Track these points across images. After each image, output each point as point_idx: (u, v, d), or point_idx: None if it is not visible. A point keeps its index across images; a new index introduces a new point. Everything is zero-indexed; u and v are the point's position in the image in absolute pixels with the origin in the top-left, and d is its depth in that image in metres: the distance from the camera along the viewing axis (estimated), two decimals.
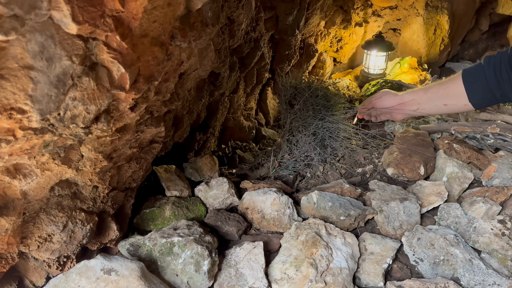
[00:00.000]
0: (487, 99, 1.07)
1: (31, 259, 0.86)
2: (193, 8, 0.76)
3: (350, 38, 2.80)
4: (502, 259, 0.99)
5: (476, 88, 1.07)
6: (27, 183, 0.72)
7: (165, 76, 0.80)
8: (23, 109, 0.55)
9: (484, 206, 1.10)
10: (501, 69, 0.99)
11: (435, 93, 1.20)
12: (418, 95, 1.26)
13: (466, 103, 1.11)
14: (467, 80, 1.09)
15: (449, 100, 1.16)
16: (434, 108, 1.23)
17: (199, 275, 0.88)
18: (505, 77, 0.99)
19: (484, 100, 1.08)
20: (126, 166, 0.96)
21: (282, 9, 1.56)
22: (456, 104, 1.15)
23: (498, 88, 1.02)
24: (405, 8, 2.80)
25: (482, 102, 1.10)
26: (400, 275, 0.97)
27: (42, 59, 0.53)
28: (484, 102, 1.10)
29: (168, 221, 1.08)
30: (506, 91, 1.01)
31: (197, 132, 1.45)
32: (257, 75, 1.71)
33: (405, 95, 1.31)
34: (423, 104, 1.25)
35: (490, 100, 1.08)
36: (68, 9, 0.51)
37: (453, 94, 1.14)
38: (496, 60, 1.01)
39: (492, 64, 1.02)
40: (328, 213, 1.11)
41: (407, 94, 1.30)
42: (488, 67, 1.03)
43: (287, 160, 1.46)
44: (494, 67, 1.01)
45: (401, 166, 1.32)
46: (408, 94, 1.30)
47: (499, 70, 1.00)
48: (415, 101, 1.27)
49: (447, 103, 1.17)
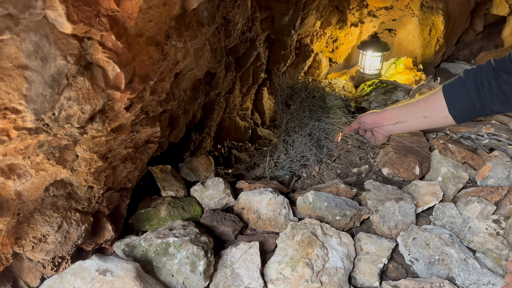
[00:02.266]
0: (466, 110, 1.08)
1: (26, 260, 0.85)
2: (189, 8, 0.76)
3: (345, 38, 2.80)
4: (497, 259, 1.00)
5: (455, 98, 1.09)
6: (21, 183, 0.71)
7: (160, 76, 0.80)
8: (18, 109, 0.54)
9: (479, 206, 1.11)
10: (482, 78, 1.01)
11: (415, 105, 1.21)
12: (399, 109, 1.26)
13: (446, 115, 1.12)
14: (447, 91, 1.10)
15: (429, 112, 1.17)
16: (414, 121, 1.23)
17: (195, 276, 0.87)
18: (486, 86, 1.00)
19: (463, 111, 1.09)
20: (121, 166, 0.95)
21: (278, 9, 1.56)
22: (435, 116, 1.16)
23: (478, 99, 1.03)
24: (400, 8, 2.81)
25: (462, 114, 1.10)
26: (396, 275, 0.98)
27: (36, 59, 0.53)
28: (463, 114, 1.10)
29: (164, 221, 1.08)
30: (487, 101, 1.02)
31: (192, 132, 1.45)
32: (253, 75, 1.71)
33: (386, 110, 1.31)
34: (402, 117, 1.24)
35: (469, 112, 1.08)
36: (63, 9, 0.51)
37: (432, 106, 1.15)
38: (477, 71, 1.03)
39: (472, 75, 1.04)
40: (323, 213, 1.11)
41: (388, 109, 1.31)
42: (468, 78, 1.05)
43: (283, 160, 1.46)
44: (474, 78, 1.03)
45: (397, 166, 1.33)
46: (389, 109, 1.30)
47: (480, 80, 1.01)
48: (395, 114, 1.26)
49: (427, 115, 1.18)
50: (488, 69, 1.01)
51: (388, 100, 2.06)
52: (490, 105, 1.02)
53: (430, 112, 1.16)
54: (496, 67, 0.99)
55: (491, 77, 0.99)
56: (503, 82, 0.97)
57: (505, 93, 0.98)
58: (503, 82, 0.97)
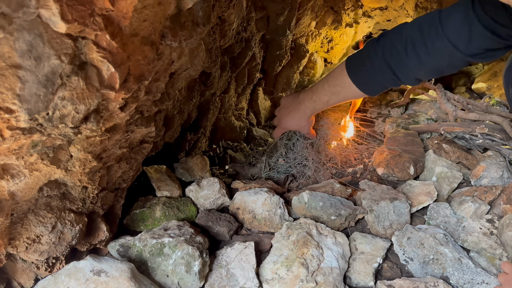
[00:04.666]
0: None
1: (19, 261, 0.85)
2: (184, 7, 0.76)
3: (340, 38, 2.81)
4: (491, 258, 1.00)
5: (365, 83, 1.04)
6: (15, 183, 0.71)
7: (155, 76, 0.80)
8: (11, 108, 0.54)
9: (473, 205, 1.12)
10: (407, 44, 0.92)
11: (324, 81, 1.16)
12: (314, 104, 1.22)
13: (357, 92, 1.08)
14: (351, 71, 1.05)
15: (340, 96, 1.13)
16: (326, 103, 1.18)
17: (190, 276, 0.87)
18: (412, 52, 0.92)
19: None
20: (116, 166, 0.95)
21: (273, 10, 1.56)
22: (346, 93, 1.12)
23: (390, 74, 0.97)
24: (395, 9, 2.82)
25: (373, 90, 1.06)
26: (390, 275, 0.98)
27: (30, 58, 0.52)
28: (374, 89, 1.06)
29: (159, 221, 1.07)
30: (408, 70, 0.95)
31: (188, 132, 1.45)
32: (248, 75, 1.71)
33: (302, 115, 1.27)
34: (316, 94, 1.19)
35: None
36: (57, 8, 0.50)
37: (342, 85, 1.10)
38: (394, 38, 0.95)
39: (382, 46, 0.97)
40: (319, 213, 1.11)
41: (302, 110, 1.26)
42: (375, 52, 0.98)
43: (281, 165, 1.47)
44: (390, 48, 0.95)
45: (391, 166, 1.33)
46: (303, 110, 1.25)
47: (404, 46, 0.93)
48: (312, 110, 1.22)
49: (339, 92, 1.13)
50: (414, 32, 0.92)
51: (382, 100, 2.06)
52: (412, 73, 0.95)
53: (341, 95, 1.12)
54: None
55: (420, 38, 0.91)
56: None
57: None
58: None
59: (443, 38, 0.86)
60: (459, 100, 1.60)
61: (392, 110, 1.93)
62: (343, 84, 1.08)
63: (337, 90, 1.11)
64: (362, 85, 1.05)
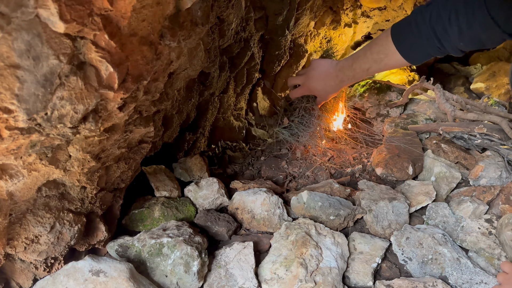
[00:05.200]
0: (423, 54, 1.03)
1: (18, 261, 0.85)
2: (183, 7, 0.76)
3: (339, 38, 2.81)
4: (489, 258, 1.01)
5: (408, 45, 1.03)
6: (13, 183, 0.71)
7: (154, 76, 0.80)
8: (9, 108, 0.54)
9: (472, 205, 1.12)
10: (451, 12, 0.91)
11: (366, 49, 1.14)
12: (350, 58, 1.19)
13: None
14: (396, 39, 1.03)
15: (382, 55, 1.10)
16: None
17: (189, 276, 0.87)
18: (462, 19, 0.90)
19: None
20: (114, 166, 0.95)
21: (272, 9, 1.56)
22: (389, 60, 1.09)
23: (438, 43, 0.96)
24: (394, 9, 2.82)
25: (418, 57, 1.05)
26: (389, 274, 0.98)
27: (28, 58, 0.52)
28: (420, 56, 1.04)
29: (157, 221, 1.07)
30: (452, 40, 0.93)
31: (186, 132, 1.45)
32: (247, 75, 1.71)
33: (340, 80, 1.22)
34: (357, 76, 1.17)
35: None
36: (56, 8, 0.50)
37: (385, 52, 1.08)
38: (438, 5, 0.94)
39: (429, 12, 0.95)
40: (317, 213, 1.11)
41: (340, 78, 1.22)
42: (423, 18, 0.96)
43: (285, 125, 1.50)
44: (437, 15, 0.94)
45: (390, 166, 1.33)
46: (341, 78, 1.22)
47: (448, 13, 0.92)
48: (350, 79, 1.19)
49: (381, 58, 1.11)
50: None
51: (381, 100, 2.06)
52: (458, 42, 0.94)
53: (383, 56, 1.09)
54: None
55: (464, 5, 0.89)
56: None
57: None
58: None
59: (484, 11, 0.86)
60: (458, 100, 1.60)
61: (391, 110, 1.93)
62: (387, 51, 1.06)
63: (380, 57, 1.09)
64: (407, 52, 1.04)
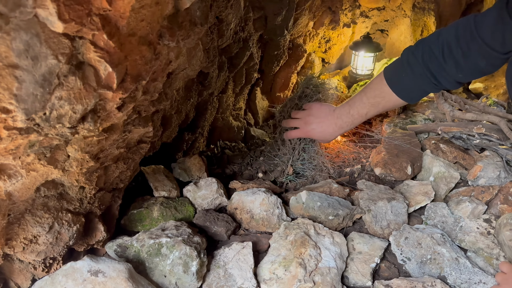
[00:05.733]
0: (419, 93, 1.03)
1: (16, 261, 0.84)
2: (182, 7, 0.76)
3: (338, 38, 2.81)
4: (488, 258, 1.01)
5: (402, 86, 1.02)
6: (12, 183, 0.70)
7: (153, 76, 0.80)
8: (8, 108, 0.54)
9: (470, 205, 1.12)
10: (446, 49, 0.91)
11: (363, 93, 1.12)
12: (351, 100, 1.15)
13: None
14: (391, 82, 1.03)
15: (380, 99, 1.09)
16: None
17: (188, 276, 0.87)
18: (458, 53, 0.90)
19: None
20: (113, 166, 0.95)
21: (271, 9, 1.56)
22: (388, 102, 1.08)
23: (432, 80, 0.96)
24: (392, 9, 2.82)
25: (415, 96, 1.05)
26: (388, 274, 0.98)
27: (27, 58, 0.52)
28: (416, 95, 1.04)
29: (156, 221, 1.07)
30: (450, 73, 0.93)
31: (185, 132, 1.45)
32: (246, 75, 1.71)
33: (334, 129, 1.18)
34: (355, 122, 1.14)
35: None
36: (54, 7, 0.50)
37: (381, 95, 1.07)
38: (432, 43, 0.94)
39: (421, 52, 0.96)
40: (316, 212, 1.11)
41: (338, 126, 1.18)
42: (415, 58, 0.97)
43: (290, 175, 1.47)
44: (429, 53, 0.94)
45: (389, 166, 1.33)
46: (339, 127, 1.17)
47: (445, 51, 0.92)
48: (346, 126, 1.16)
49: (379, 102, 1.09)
50: (450, 36, 0.91)
51: None
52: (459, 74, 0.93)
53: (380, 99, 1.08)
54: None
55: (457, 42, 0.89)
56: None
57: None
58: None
59: (477, 40, 0.87)
60: (456, 100, 1.60)
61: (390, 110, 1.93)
62: (383, 94, 1.08)
63: (376, 101, 1.10)
64: (403, 93, 1.05)
